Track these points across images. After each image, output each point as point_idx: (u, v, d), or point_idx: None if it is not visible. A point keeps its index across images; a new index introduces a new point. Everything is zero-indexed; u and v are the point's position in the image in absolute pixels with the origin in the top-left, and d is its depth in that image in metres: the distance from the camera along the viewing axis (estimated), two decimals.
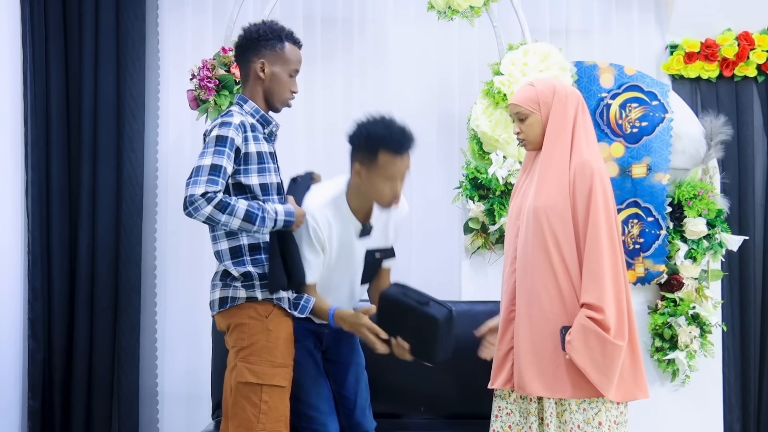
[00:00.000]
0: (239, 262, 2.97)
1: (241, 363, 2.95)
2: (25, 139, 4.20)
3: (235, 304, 2.97)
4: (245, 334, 2.96)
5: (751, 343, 4.62)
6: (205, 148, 2.91)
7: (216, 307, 3.02)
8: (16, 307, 4.15)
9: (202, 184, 2.81)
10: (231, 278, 2.98)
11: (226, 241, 2.99)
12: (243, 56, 3.06)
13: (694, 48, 4.61)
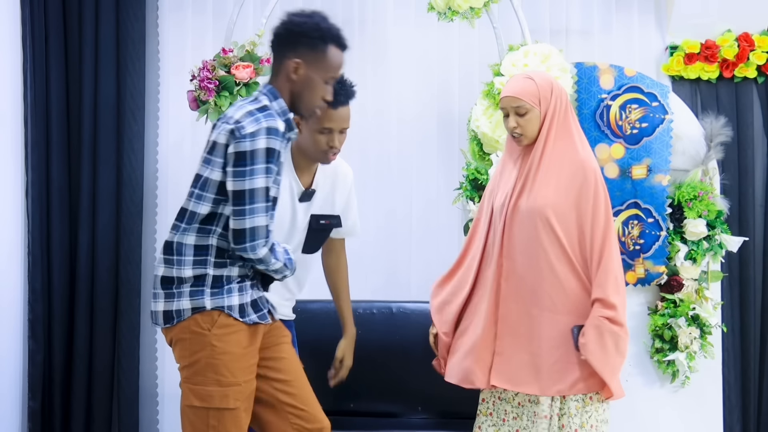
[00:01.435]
0: (201, 262, 2.68)
1: (185, 384, 2.73)
2: (25, 140, 4.20)
3: (182, 318, 2.70)
4: (186, 351, 2.73)
5: (751, 344, 4.62)
6: (254, 161, 2.56)
7: (161, 321, 2.75)
8: (16, 308, 4.15)
9: (261, 215, 2.58)
10: (176, 284, 2.68)
11: (195, 235, 2.69)
12: (278, 48, 2.74)
13: (694, 49, 4.61)
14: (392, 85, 4.61)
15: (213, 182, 2.64)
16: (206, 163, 2.67)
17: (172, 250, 2.69)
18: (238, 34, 4.20)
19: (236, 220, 2.56)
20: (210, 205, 2.65)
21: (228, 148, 2.59)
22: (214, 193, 2.64)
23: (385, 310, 3.78)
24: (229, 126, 2.60)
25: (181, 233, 2.69)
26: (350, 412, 3.88)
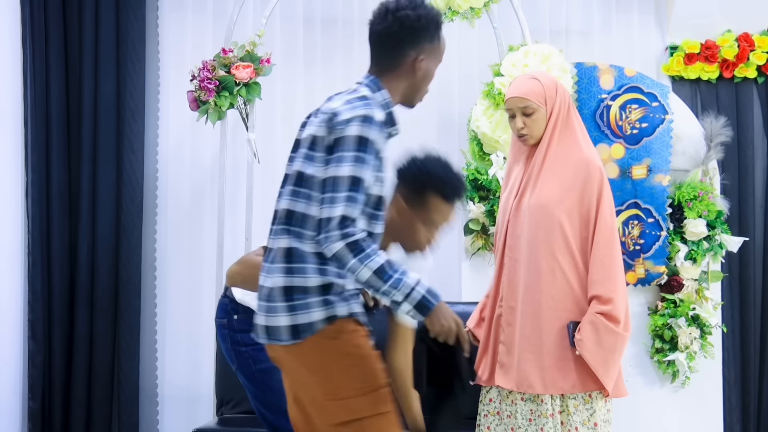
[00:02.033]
0: (323, 270, 2.42)
1: (327, 401, 2.43)
2: (25, 141, 4.20)
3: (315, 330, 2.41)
4: (320, 365, 2.44)
5: (751, 344, 4.62)
6: (343, 148, 2.38)
7: (286, 336, 2.42)
8: (17, 309, 4.15)
9: (341, 204, 2.35)
10: (301, 294, 2.41)
11: (286, 238, 2.43)
12: (397, 44, 2.54)
13: (694, 49, 4.61)
14: None
15: (306, 176, 2.44)
16: (308, 159, 2.45)
17: (292, 257, 2.42)
18: (238, 35, 4.20)
19: (323, 207, 2.36)
20: (304, 202, 2.45)
21: (326, 140, 2.43)
22: (312, 190, 2.44)
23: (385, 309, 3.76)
24: (326, 116, 2.45)
25: (296, 238, 2.43)
26: None
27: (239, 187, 4.40)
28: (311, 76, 4.57)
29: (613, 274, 2.98)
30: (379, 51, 2.57)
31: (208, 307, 4.32)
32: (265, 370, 3.00)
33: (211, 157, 4.49)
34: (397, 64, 2.56)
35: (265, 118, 4.48)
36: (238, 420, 3.85)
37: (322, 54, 4.59)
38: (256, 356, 3.02)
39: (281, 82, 4.51)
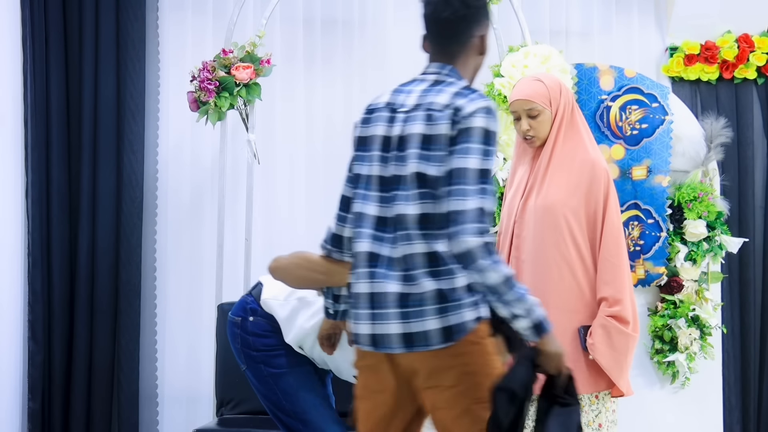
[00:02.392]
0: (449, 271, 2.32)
1: (472, 404, 2.34)
2: (25, 141, 4.20)
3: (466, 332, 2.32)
4: (469, 368, 2.34)
5: (751, 345, 4.62)
6: (469, 140, 2.28)
7: (437, 340, 2.30)
8: (16, 309, 4.15)
9: (473, 197, 2.24)
10: (450, 296, 2.32)
11: (423, 243, 2.33)
12: (466, 28, 2.49)
13: (694, 50, 4.61)
14: (392, 85, 4.59)
15: (431, 177, 2.32)
16: (425, 159, 2.32)
17: (436, 261, 2.32)
18: (238, 35, 4.20)
19: (447, 201, 2.27)
20: (432, 203, 2.33)
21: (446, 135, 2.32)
22: (432, 188, 2.33)
23: None
24: (439, 112, 2.33)
25: (434, 240, 2.32)
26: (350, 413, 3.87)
27: (239, 187, 4.40)
28: (311, 77, 4.57)
29: (621, 274, 2.98)
30: (447, 38, 2.50)
31: (208, 308, 4.32)
32: (278, 375, 2.97)
33: (211, 157, 4.49)
34: (466, 47, 2.49)
35: (265, 119, 4.48)
36: (238, 421, 3.85)
37: (322, 55, 4.60)
38: (269, 361, 2.98)
39: (281, 82, 4.51)
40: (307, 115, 4.59)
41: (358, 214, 2.42)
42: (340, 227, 2.51)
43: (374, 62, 4.61)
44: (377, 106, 2.48)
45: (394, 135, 2.40)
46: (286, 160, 4.57)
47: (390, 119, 2.43)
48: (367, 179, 2.43)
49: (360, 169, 2.46)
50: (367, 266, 2.37)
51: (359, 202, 2.43)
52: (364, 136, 2.47)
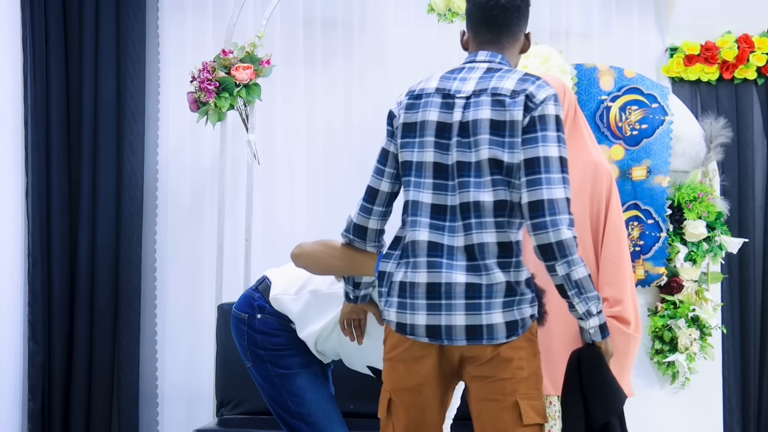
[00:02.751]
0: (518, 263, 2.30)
1: (523, 401, 2.33)
2: (25, 142, 4.20)
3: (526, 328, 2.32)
4: (525, 363, 2.34)
5: (751, 345, 4.62)
6: (546, 127, 2.25)
7: (502, 334, 2.29)
8: (16, 309, 4.15)
9: (560, 186, 2.23)
10: (515, 290, 2.30)
11: (517, 231, 2.30)
12: (519, 19, 2.47)
13: (694, 50, 4.61)
14: (392, 86, 4.60)
15: (505, 164, 2.27)
16: (498, 145, 2.27)
17: (508, 251, 2.29)
18: (238, 36, 4.20)
19: (530, 191, 2.22)
20: (506, 190, 2.28)
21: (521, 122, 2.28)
22: (512, 176, 2.28)
23: None
24: (509, 98, 2.29)
25: (505, 229, 2.29)
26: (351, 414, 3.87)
27: (239, 188, 4.40)
28: (311, 77, 4.57)
29: (623, 275, 2.98)
30: (501, 27, 2.44)
31: (208, 308, 4.32)
32: (286, 376, 2.90)
33: (211, 158, 4.49)
34: (515, 41, 2.47)
35: (265, 120, 4.48)
36: (238, 421, 3.85)
37: (323, 55, 4.60)
38: (277, 361, 2.90)
39: (281, 83, 4.51)
40: (307, 116, 4.59)
41: (412, 203, 2.36)
42: (364, 218, 2.47)
43: (374, 62, 4.62)
44: (424, 92, 2.41)
45: (455, 121, 2.33)
46: (286, 160, 4.57)
47: (446, 105, 2.36)
48: (419, 166, 2.36)
49: (409, 156, 2.38)
50: (425, 255, 2.31)
51: (412, 190, 2.36)
52: (411, 122, 2.40)
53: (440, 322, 2.29)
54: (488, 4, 2.43)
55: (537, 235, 2.22)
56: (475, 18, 2.47)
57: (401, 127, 2.41)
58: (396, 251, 2.41)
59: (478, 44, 2.46)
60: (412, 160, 2.37)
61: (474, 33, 2.48)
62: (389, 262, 2.40)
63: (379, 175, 2.45)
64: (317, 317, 2.89)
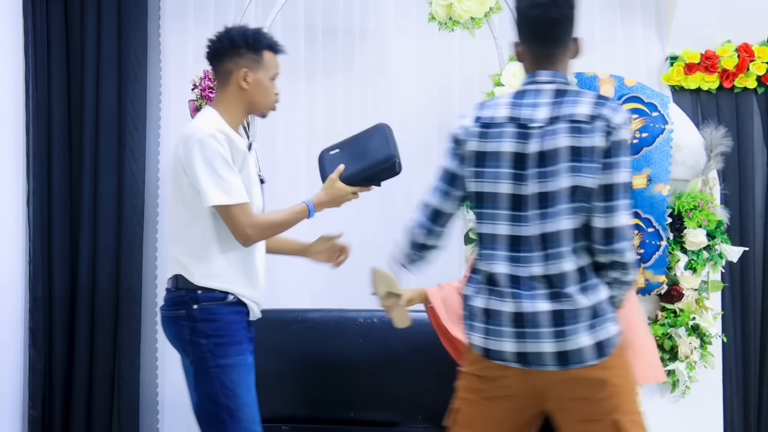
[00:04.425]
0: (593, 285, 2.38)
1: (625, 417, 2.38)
2: (26, 149, 4.21)
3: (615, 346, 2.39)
4: (624, 380, 2.42)
5: (752, 354, 4.62)
6: (621, 153, 2.33)
7: (591, 356, 2.36)
8: (17, 316, 4.16)
9: (624, 213, 2.34)
10: (597, 310, 2.36)
11: (574, 260, 2.36)
12: (570, 30, 2.48)
13: (695, 59, 4.62)
14: (393, 94, 4.63)
15: (587, 190, 2.32)
16: (578, 171, 2.32)
17: (585, 276, 2.36)
18: None
19: (603, 217, 2.31)
20: (584, 216, 2.35)
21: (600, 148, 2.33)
22: (591, 201, 2.34)
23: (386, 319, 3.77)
24: (588, 124, 2.32)
25: (583, 255, 2.36)
26: (350, 421, 3.88)
27: None
28: (312, 86, 4.59)
29: None
30: (556, 40, 2.45)
31: None
32: (222, 367, 2.91)
33: None
34: (567, 51, 2.47)
35: (265, 128, 4.49)
36: None
37: (324, 64, 4.61)
38: (215, 350, 2.92)
39: (282, 91, 4.50)
40: (307, 124, 4.59)
41: (488, 236, 2.40)
42: (423, 235, 2.54)
43: (375, 71, 4.63)
44: (495, 121, 2.41)
45: (532, 151, 2.35)
46: (287, 168, 4.58)
47: (521, 135, 2.37)
48: (493, 197, 2.39)
49: (481, 186, 2.41)
50: (509, 287, 2.37)
51: (487, 223, 2.41)
52: (484, 151, 2.40)
53: (527, 349, 2.35)
54: (539, 19, 2.42)
55: (607, 256, 2.34)
56: (526, 33, 2.47)
57: (473, 156, 2.42)
58: (477, 278, 2.46)
59: (533, 60, 2.46)
60: (485, 191, 2.40)
61: (527, 48, 2.47)
62: (470, 287, 2.47)
63: (445, 196, 2.50)
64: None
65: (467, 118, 2.46)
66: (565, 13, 2.42)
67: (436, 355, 3.73)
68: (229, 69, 3.00)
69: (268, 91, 3.03)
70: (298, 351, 3.87)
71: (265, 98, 3.03)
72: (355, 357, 3.84)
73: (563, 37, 2.44)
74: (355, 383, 3.85)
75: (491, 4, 4.13)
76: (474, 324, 2.43)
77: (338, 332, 3.89)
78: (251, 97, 3.00)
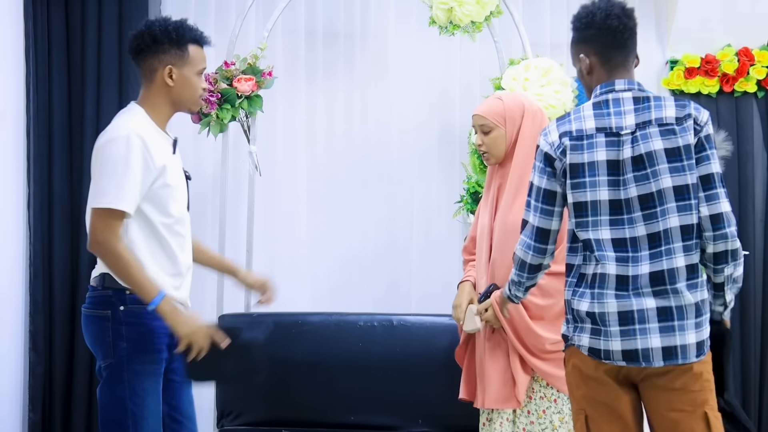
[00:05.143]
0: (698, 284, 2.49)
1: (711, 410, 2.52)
2: (27, 152, 4.21)
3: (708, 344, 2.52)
4: (707, 382, 2.54)
5: (752, 356, 4.62)
6: (709, 146, 2.50)
7: (694, 353, 2.47)
8: (18, 320, 4.15)
9: (725, 200, 2.49)
10: (702, 310, 2.48)
11: (684, 256, 2.47)
12: (634, 39, 2.76)
13: (695, 63, 4.63)
14: (393, 98, 4.63)
15: (688, 186, 2.45)
16: (680, 171, 2.45)
17: (695, 272, 2.47)
18: (240, 48, 4.21)
19: (711, 204, 2.44)
20: (690, 213, 2.47)
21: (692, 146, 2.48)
22: (694, 197, 2.47)
23: (386, 323, 3.78)
24: (678, 126, 2.48)
25: (693, 251, 2.47)
26: (350, 425, 3.88)
27: (241, 199, 4.41)
28: (313, 89, 4.59)
29: None
30: (630, 48, 2.69)
31: (209, 319, 4.31)
32: (136, 373, 2.86)
33: (212, 169, 4.50)
34: (633, 59, 2.70)
35: (266, 131, 4.49)
36: None
37: (324, 67, 4.61)
38: (132, 356, 2.86)
39: (283, 95, 4.52)
40: (308, 127, 4.60)
41: (593, 241, 2.49)
42: (539, 258, 2.62)
43: (375, 74, 4.63)
44: (584, 133, 2.53)
45: (626, 157, 2.48)
46: (288, 171, 4.58)
47: (613, 143, 2.50)
48: (594, 205, 2.50)
49: (581, 196, 2.51)
50: (614, 288, 2.46)
51: (590, 230, 2.50)
52: (578, 162, 2.52)
53: (636, 346, 2.45)
54: (618, 29, 2.62)
55: (717, 243, 2.44)
56: (603, 43, 2.64)
57: (569, 168, 2.52)
58: (580, 282, 2.54)
59: (609, 69, 2.63)
60: (585, 200, 2.51)
61: (604, 58, 2.63)
62: (571, 290, 2.56)
63: (548, 215, 2.58)
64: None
65: (552, 134, 2.57)
66: (635, 23, 2.68)
67: (436, 359, 3.74)
68: (154, 66, 2.90)
69: (194, 87, 2.91)
70: (298, 354, 3.87)
71: (191, 94, 2.91)
72: (356, 360, 3.84)
73: (632, 46, 2.66)
74: (356, 387, 3.85)
75: (492, 8, 4.13)
76: (583, 326, 2.53)
77: (339, 336, 3.89)
78: (177, 94, 2.90)
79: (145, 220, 2.81)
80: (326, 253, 4.58)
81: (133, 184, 2.74)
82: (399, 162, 4.61)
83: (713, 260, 2.46)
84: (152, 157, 2.78)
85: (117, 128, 2.85)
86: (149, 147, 2.78)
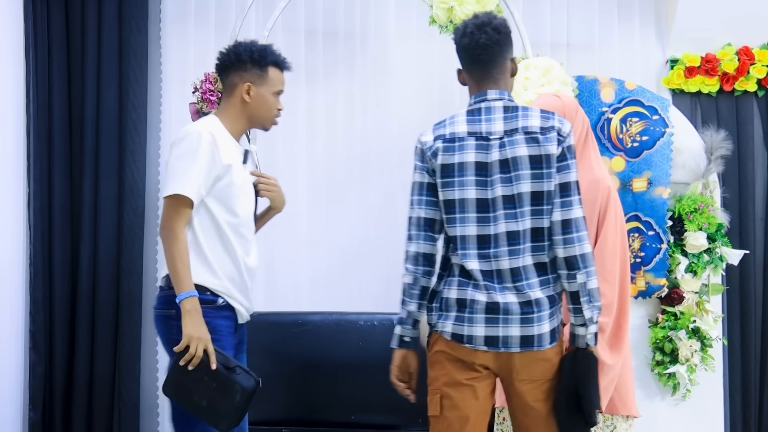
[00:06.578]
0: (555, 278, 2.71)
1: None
2: (27, 152, 4.21)
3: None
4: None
5: (752, 356, 4.62)
6: (573, 156, 2.67)
7: (548, 341, 2.65)
8: (18, 319, 4.15)
9: (578, 207, 2.64)
10: (555, 303, 2.65)
11: (531, 255, 2.65)
12: (501, 52, 2.77)
13: (695, 62, 4.63)
14: (394, 97, 4.63)
15: (545, 193, 2.61)
16: (539, 178, 2.60)
17: (546, 270, 2.64)
18: None
19: (564, 210, 2.60)
20: (545, 217, 2.62)
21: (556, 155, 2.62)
22: (548, 203, 2.63)
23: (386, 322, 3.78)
24: (542, 135, 2.61)
25: (544, 252, 2.63)
26: (351, 424, 3.88)
27: None
28: (312, 88, 4.59)
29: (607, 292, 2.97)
30: (490, 63, 2.74)
31: None
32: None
33: None
34: (506, 69, 2.76)
35: None
36: None
37: (324, 66, 4.61)
38: None
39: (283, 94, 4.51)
40: (308, 127, 4.60)
41: (460, 237, 2.64)
42: (430, 246, 2.71)
43: (376, 74, 4.63)
44: (456, 135, 2.67)
45: (493, 160, 2.63)
46: (288, 170, 4.57)
47: (482, 146, 2.65)
48: (461, 203, 2.64)
49: (451, 194, 2.65)
50: (481, 280, 2.62)
51: (458, 226, 2.64)
52: (449, 163, 2.66)
53: (496, 333, 2.61)
54: (470, 46, 2.73)
55: (566, 248, 2.58)
56: (464, 59, 2.78)
57: (440, 168, 2.67)
58: (445, 272, 2.71)
59: (476, 82, 2.76)
60: (454, 198, 2.65)
61: (468, 73, 2.78)
62: (441, 282, 2.71)
63: (434, 206, 2.70)
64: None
65: (428, 135, 2.74)
66: (492, 38, 2.71)
67: None
68: (234, 82, 3.07)
69: (269, 106, 3.10)
70: (298, 353, 3.87)
71: (266, 112, 3.10)
72: (356, 360, 3.85)
73: (496, 60, 2.73)
74: (356, 386, 3.86)
75: (492, 7, 4.12)
76: (447, 314, 2.68)
77: (338, 335, 3.89)
78: (253, 110, 3.08)
79: (211, 218, 2.95)
80: (326, 253, 4.58)
81: (199, 174, 2.90)
82: (399, 161, 4.60)
83: (565, 266, 2.59)
84: (220, 153, 2.93)
85: (192, 126, 3.03)
86: (218, 144, 2.94)
